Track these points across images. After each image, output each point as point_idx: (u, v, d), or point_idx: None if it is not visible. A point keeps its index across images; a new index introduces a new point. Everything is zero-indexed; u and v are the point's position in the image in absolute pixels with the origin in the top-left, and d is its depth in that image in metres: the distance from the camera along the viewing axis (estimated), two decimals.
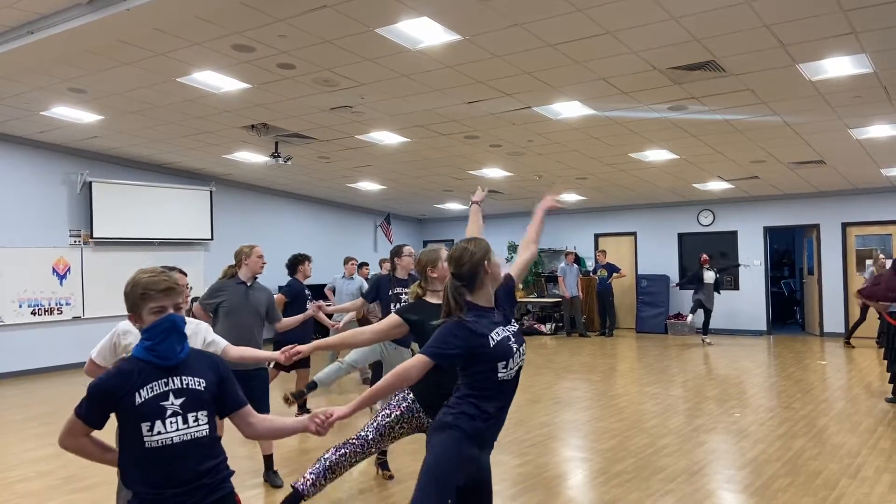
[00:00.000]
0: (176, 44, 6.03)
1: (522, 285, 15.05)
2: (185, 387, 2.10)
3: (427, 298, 3.42)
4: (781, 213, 13.61)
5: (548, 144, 9.65)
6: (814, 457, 5.29)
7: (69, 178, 10.69)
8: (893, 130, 8.53)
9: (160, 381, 2.08)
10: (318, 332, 8.71)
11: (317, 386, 5.68)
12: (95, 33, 5.55)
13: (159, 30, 5.68)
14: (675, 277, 14.43)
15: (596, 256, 14.79)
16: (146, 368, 2.08)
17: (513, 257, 15.73)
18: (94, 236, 10.85)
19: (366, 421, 3.72)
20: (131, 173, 11.39)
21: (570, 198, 14.21)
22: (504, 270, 2.74)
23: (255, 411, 2.33)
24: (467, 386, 2.59)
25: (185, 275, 3.44)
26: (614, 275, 14.05)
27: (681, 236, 14.69)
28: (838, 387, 8.22)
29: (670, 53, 6.08)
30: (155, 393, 2.06)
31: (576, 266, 14.28)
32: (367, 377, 8.75)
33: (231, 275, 4.88)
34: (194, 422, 2.09)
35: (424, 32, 5.75)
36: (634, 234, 15.26)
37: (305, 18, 5.46)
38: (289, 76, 6.86)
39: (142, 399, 2.04)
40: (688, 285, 13.00)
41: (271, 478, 4.84)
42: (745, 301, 13.80)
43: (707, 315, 12.51)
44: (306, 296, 6.71)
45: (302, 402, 6.92)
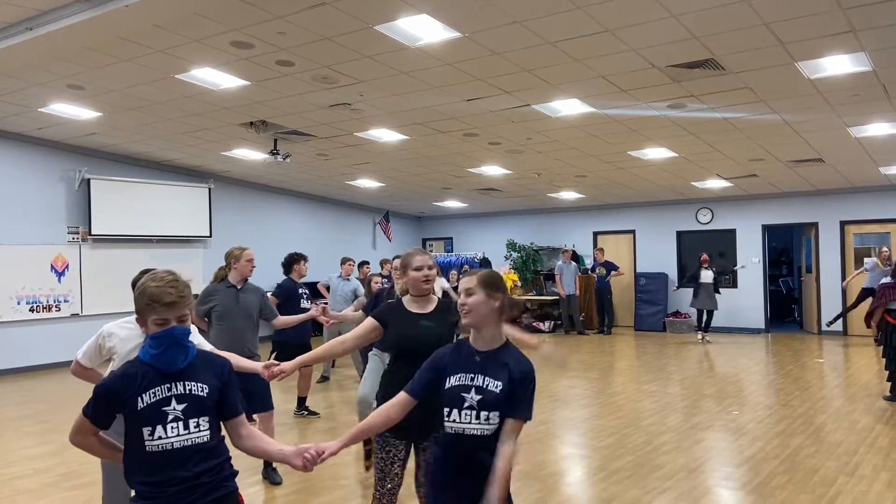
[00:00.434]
0: (175, 40, 6.02)
1: (521, 283, 15.05)
2: (187, 392, 2.11)
3: (406, 304, 3.18)
4: (780, 212, 13.62)
5: (547, 142, 9.64)
6: (811, 454, 5.30)
7: (67, 174, 10.68)
8: (892, 129, 8.53)
9: (163, 385, 2.09)
10: (316, 331, 8.73)
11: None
12: (94, 30, 5.55)
13: (158, 26, 5.67)
14: (673, 275, 14.45)
15: (594, 254, 14.80)
16: (150, 372, 2.09)
17: (511, 255, 15.74)
18: (93, 233, 10.84)
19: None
20: (130, 170, 11.38)
21: (568, 195, 14.22)
22: (503, 269, 2.68)
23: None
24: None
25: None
26: (613, 273, 14.06)
27: (679, 234, 14.70)
28: (836, 385, 8.24)
29: (669, 51, 6.08)
30: (157, 398, 2.06)
31: (573, 264, 14.27)
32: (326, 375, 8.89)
33: (222, 277, 4.85)
34: (195, 427, 2.09)
35: (424, 29, 5.74)
36: (633, 232, 15.26)
37: (304, 15, 5.45)
38: (288, 73, 6.85)
39: (144, 403, 2.05)
40: (687, 285, 13.02)
41: (270, 475, 4.83)
42: (744, 299, 13.82)
43: (710, 315, 12.52)
44: (300, 295, 6.63)
45: (304, 408, 6.94)
